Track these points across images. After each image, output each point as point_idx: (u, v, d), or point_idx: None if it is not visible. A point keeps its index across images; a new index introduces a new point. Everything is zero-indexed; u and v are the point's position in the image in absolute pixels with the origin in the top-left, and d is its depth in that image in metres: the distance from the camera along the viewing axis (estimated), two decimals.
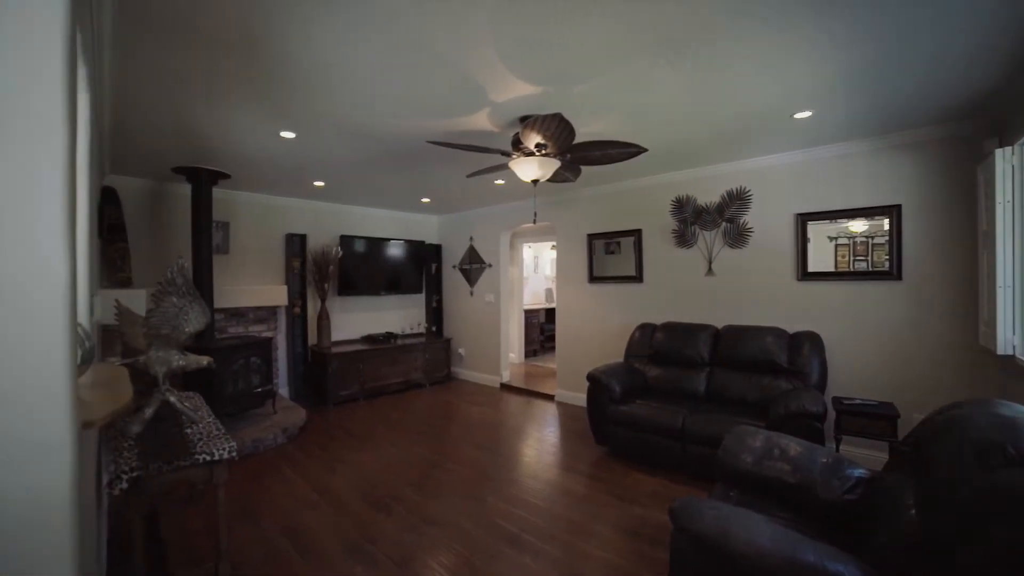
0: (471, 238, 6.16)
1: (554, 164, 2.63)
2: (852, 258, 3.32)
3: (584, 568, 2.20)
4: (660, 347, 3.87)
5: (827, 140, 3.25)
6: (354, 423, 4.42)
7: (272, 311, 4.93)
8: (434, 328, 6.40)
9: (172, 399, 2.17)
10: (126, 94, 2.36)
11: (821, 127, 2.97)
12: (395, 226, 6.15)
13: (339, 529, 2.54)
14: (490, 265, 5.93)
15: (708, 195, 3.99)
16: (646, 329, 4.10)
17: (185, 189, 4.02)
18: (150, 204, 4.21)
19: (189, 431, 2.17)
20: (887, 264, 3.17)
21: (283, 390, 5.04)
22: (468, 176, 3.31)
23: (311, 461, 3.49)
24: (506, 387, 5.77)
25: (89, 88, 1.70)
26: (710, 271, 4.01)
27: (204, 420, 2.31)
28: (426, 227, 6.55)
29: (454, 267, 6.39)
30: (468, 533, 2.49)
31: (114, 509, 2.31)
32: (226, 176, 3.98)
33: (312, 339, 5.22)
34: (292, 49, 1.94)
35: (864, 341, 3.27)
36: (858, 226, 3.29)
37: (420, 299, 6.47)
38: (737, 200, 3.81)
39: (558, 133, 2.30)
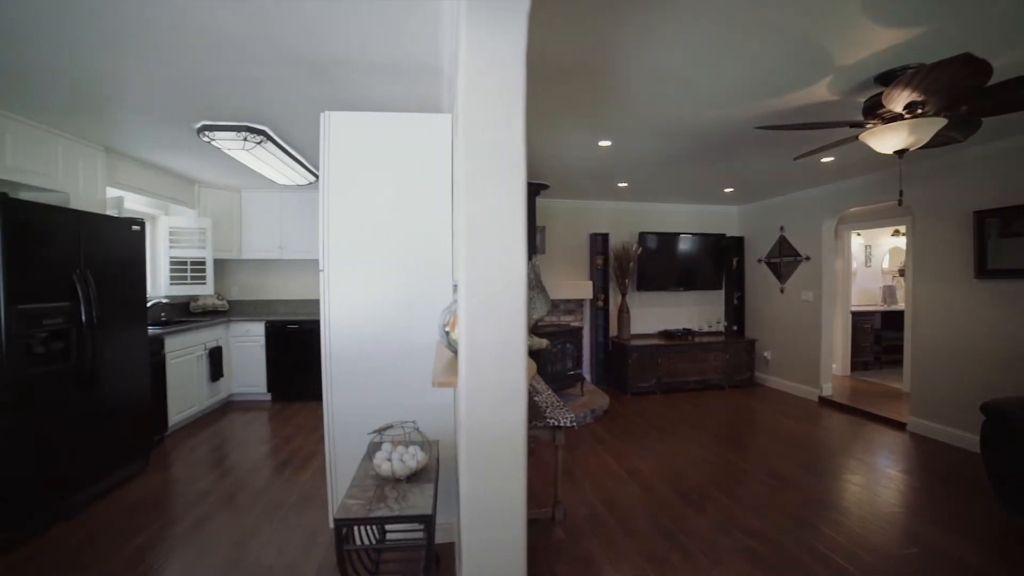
0: (781, 228, 5.39)
1: (936, 124, 2.02)
2: None
3: None
4: None
5: None
6: (653, 415, 4.55)
7: (579, 303, 5.59)
8: (735, 327, 5.92)
9: None
10: None
11: None
12: (692, 220, 5.98)
13: (650, 511, 2.67)
14: (806, 258, 5.06)
15: None
16: None
17: None
18: None
19: (537, 399, 2.69)
20: None
21: (586, 375, 5.65)
22: (796, 158, 2.92)
23: (618, 443, 3.79)
24: (827, 402, 4.82)
25: None
26: None
27: (545, 391, 2.82)
28: (725, 219, 6.11)
29: (759, 261, 5.74)
30: (799, 561, 2.21)
31: None
32: (546, 187, 4.73)
33: (612, 331, 5.65)
34: (621, 69, 2.13)
35: None
36: None
37: (719, 295, 6.10)
38: None
39: (953, 81, 1.76)
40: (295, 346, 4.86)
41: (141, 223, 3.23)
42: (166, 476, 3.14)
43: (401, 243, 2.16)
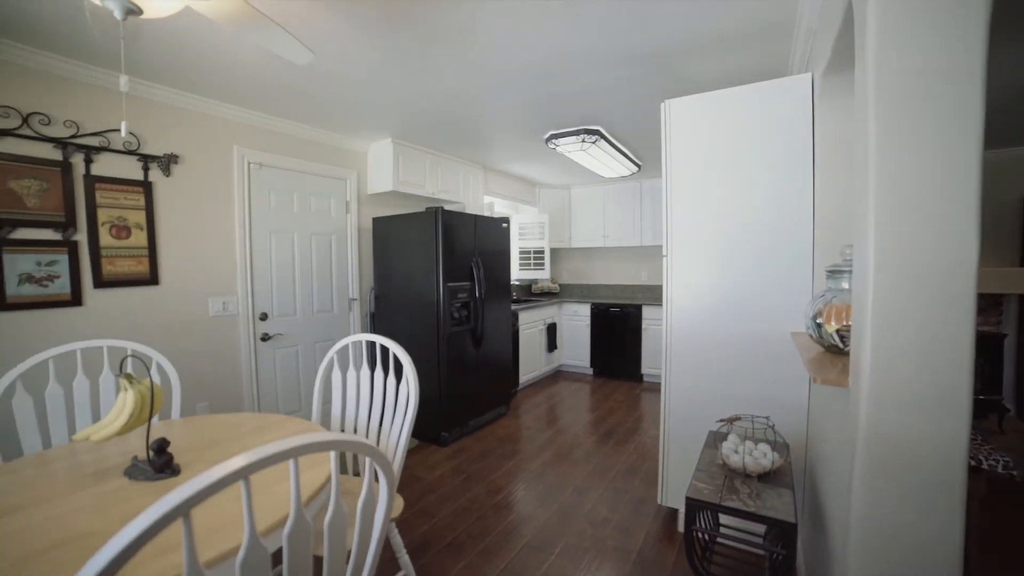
0: None
1: None
2: None
3: None
4: None
5: None
6: None
7: (994, 300, 3.90)
8: None
9: None
10: None
11: None
12: None
13: None
14: None
15: None
16: None
17: None
18: None
19: None
20: None
21: (1008, 404, 3.91)
22: None
23: None
24: None
25: None
26: None
27: None
28: None
29: None
30: None
31: None
32: None
33: None
34: None
35: None
36: None
37: None
38: None
39: None
40: (616, 328, 5.26)
41: (507, 221, 4.12)
42: (520, 423, 3.95)
43: (748, 226, 1.99)
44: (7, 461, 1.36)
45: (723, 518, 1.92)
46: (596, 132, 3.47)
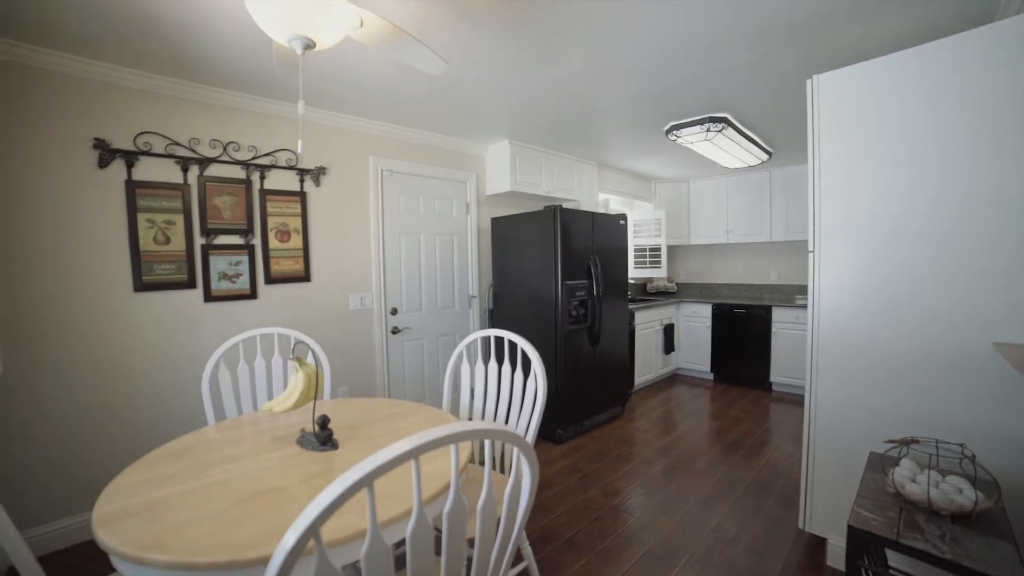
0: None
1: None
2: None
3: None
4: None
5: None
6: None
7: None
8: None
9: None
10: None
11: None
12: None
13: None
14: None
15: None
16: None
17: None
18: None
19: None
20: None
21: None
22: None
23: None
24: None
25: None
26: None
27: None
28: None
29: None
30: None
31: None
32: None
33: None
34: None
35: None
36: None
37: None
38: None
39: None
40: (741, 330, 4.83)
41: (624, 218, 4.00)
42: (635, 425, 3.82)
43: (926, 216, 1.67)
44: (218, 421, 1.69)
45: (891, 558, 1.64)
46: (722, 120, 3.21)
